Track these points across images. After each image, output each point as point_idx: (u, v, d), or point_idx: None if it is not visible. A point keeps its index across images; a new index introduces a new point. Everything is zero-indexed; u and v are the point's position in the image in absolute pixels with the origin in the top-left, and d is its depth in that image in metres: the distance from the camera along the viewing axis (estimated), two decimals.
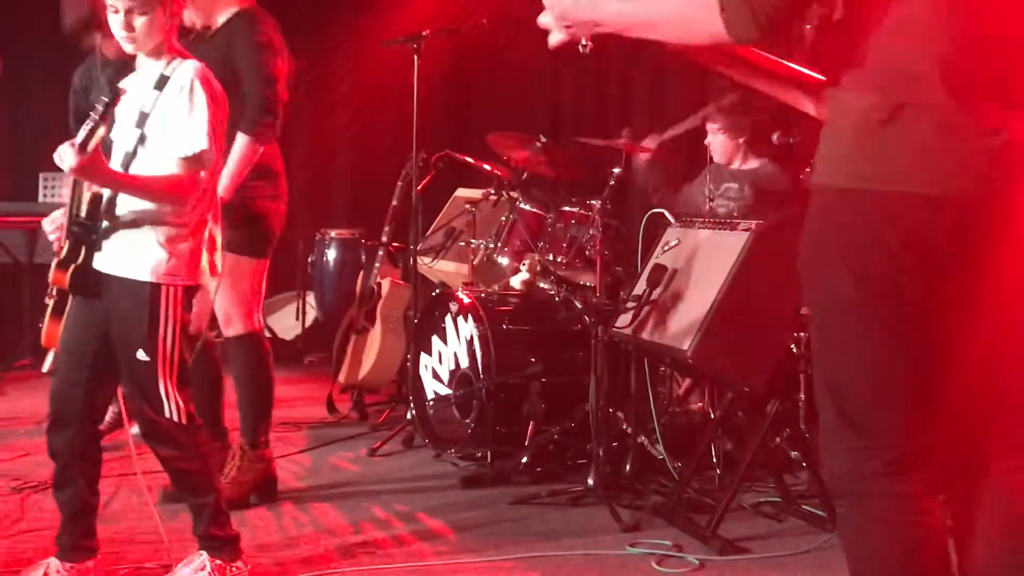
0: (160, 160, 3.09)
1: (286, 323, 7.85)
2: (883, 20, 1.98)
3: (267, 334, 7.51)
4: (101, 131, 2.96)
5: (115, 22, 3.12)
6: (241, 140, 4.03)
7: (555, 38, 2.18)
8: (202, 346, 3.94)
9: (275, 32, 4.23)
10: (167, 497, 3.89)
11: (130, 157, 3.11)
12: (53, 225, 3.22)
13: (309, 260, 7.34)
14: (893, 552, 2.02)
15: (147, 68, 3.20)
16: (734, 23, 1.93)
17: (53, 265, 3.12)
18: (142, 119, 3.10)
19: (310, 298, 7.67)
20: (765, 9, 1.91)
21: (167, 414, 3.11)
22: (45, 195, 7.21)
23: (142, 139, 3.11)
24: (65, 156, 2.89)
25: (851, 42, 2.03)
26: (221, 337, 4.32)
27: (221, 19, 4.23)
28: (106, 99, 2.97)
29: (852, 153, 2.01)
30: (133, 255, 3.08)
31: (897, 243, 1.95)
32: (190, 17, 4.21)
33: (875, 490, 2.02)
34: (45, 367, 3.16)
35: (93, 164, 2.93)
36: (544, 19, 2.17)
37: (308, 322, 7.72)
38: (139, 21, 3.10)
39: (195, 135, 3.08)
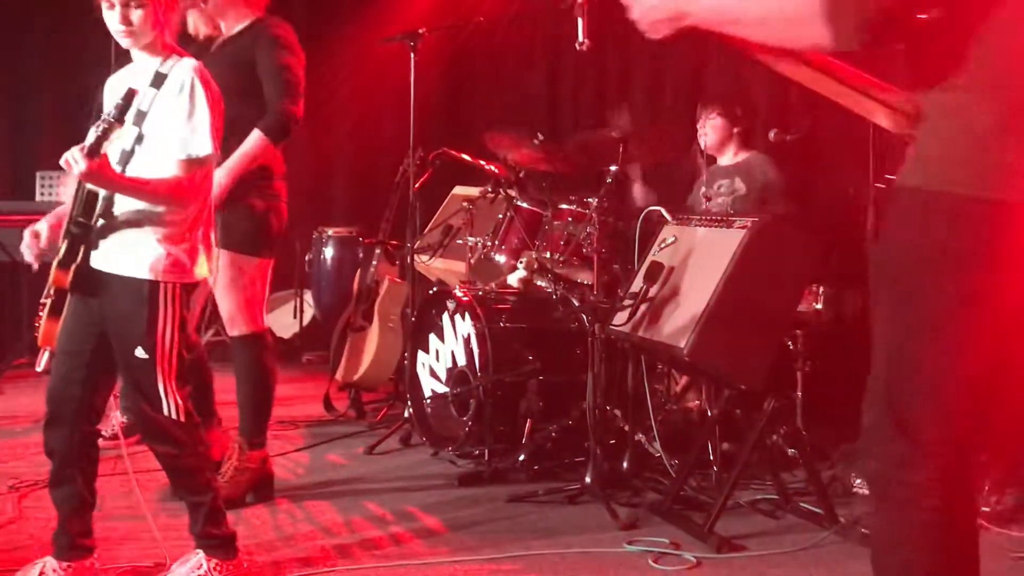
0: (159, 159, 3.08)
1: (284, 321, 7.84)
2: (987, 19, 1.92)
3: None
4: (116, 133, 2.97)
5: (111, 17, 3.11)
6: (256, 136, 4.06)
7: (646, 29, 2.16)
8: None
9: (296, 42, 4.27)
10: (170, 494, 3.89)
11: (127, 155, 3.10)
12: (35, 246, 3.20)
13: (307, 258, 7.34)
14: (929, 565, 1.98)
15: (143, 64, 3.19)
16: (841, 31, 1.88)
17: (54, 265, 3.10)
18: (140, 117, 3.09)
19: (307, 296, 7.67)
20: (874, 17, 1.86)
21: (166, 412, 3.11)
22: (43, 193, 7.21)
23: (139, 138, 3.10)
24: (76, 160, 2.89)
25: (951, 42, 1.95)
26: (220, 336, 4.32)
27: (237, 27, 4.25)
28: (121, 101, 2.96)
29: (970, 158, 1.93)
30: (132, 253, 3.08)
31: (1010, 253, 1.90)
32: (194, 24, 4.23)
33: (915, 500, 1.97)
34: (39, 366, 3.15)
35: (102, 169, 2.93)
36: (632, 12, 2.16)
37: (306, 320, 7.73)
38: (136, 14, 3.08)
39: (198, 138, 3.08)
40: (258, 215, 4.19)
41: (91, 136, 2.94)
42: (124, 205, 3.09)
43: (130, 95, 2.99)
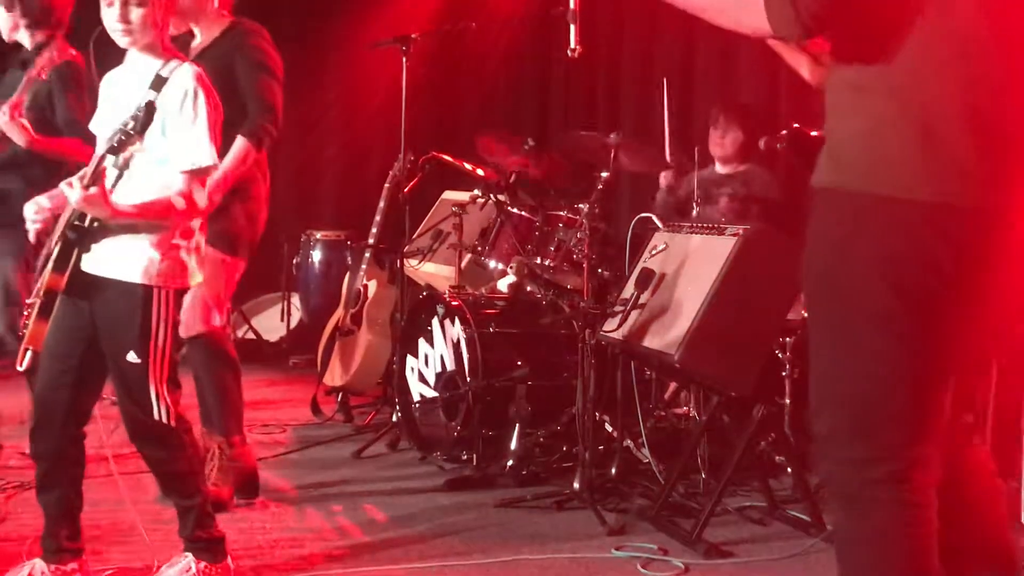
0: (157, 165, 3.07)
1: (271, 324, 7.83)
2: (914, 24, 1.97)
3: (251, 336, 7.56)
4: (137, 146, 2.95)
5: (109, 15, 3.08)
6: (240, 143, 4.05)
7: None
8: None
9: (273, 48, 4.26)
10: (162, 495, 3.87)
11: (124, 158, 3.08)
12: (37, 214, 3.19)
13: (294, 261, 7.33)
14: (895, 561, 2.01)
15: (140, 65, 3.16)
16: (778, 21, 1.97)
17: (49, 268, 3.07)
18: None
19: (295, 299, 7.66)
20: (809, 7, 1.94)
21: (156, 416, 3.10)
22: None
23: (139, 144, 3.08)
24: (71, 192, 2.90)
25: (876, 36, 2.01)
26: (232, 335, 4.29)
27: (213, 33, 4.25)
28: (142, 113, 2.94)
29: (889, 160, 1.98)
30: (126, 257, 3.06)
31: (946, 256, 1.94)
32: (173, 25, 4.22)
33: (879, 498, 2.01)
34: (21, 365, 3.12)
35: (97, 200, 2.92)
36: None
37: (293, 323, 7.71)
38: (136, 13, 3.06)
39: (199, 148, 3.07)
40: (237, 215, 4.18)
41: (104, 144, 2.93)
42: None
43: (151, 108, 2.97)
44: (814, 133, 4.85)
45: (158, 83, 3.09)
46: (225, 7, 4.31)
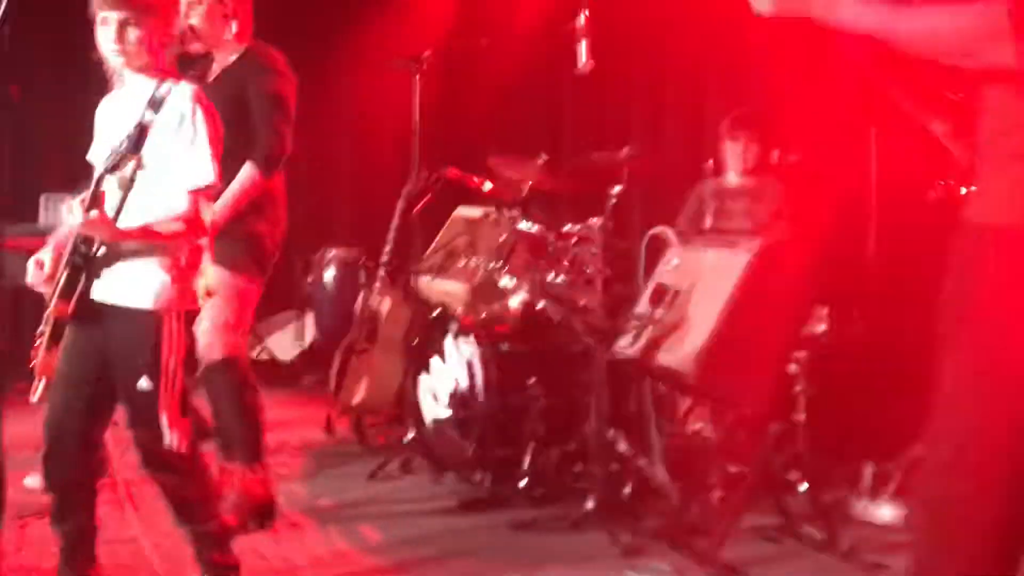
0: (158, 186, 3.07)
1: (284, 344, 7.82)
2: None
3: (265, 356, 7.54)
4: (130, 165, 2.96)
5: (104, 34, 3.06)
6: (248, 170, 4.06)
7: (762, 5, 2.13)
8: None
9: (287, 74, 4.28)
10: (176, 521, 3.86)
11: (127, 182, 3.07)
12: (39, 275, 3.20)
13: (308, 280, 7.32)
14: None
15: (136, 86, 3.15)
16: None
17: (55, 295, 3.08)
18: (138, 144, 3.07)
19: (308, 318, 7.65)
20: None
21: (167, 442, 3.09)
22: (47, 216, 7.19)
23: (139, 163, 3.08)
24: (70, 216, 2.90)
25: None
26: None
27: (230, 57, 4.27)
28: (135, 133, 2.95)
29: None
30: (135, 283, 3.06)
31: None
32: (192, 45, 4.24)
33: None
34: (34, 396, 3.13)
35: (99, 224, 2.93)
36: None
37: (306, 343, 7.70)
38: (133, 34, 3.05)
39: (201, 168, 3.07)
40: (253, 237, 4.19)
41: (101, 166, 2.94)
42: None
43: (143, 127, 2.98)
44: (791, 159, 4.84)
45: (154, 103, 3.08)
46: (243, 35, 4.32)
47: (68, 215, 2.94)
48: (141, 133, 2.99)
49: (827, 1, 2.05)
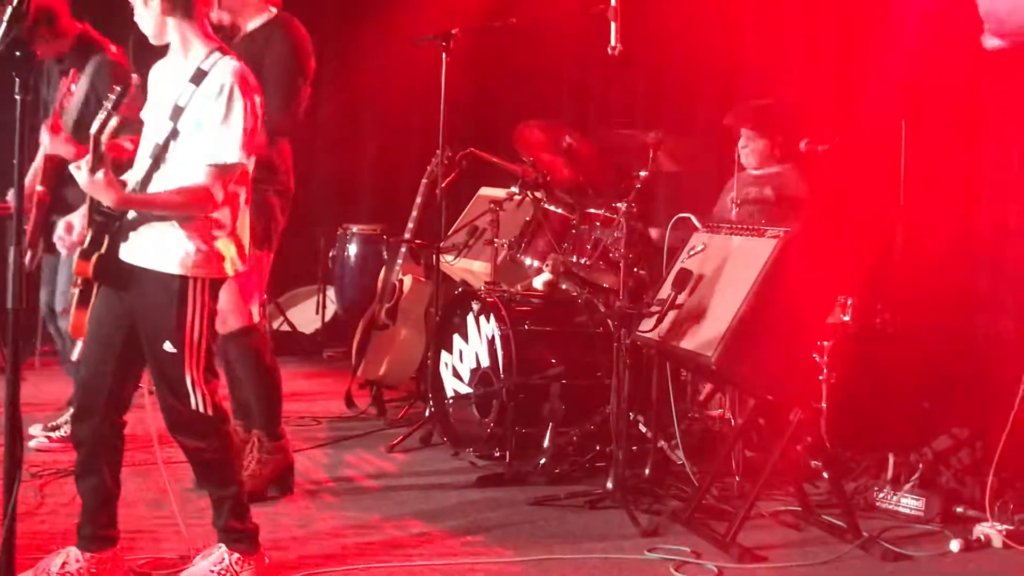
0: (189, 158, 3.08)
1: (306, 317, 7.86)
2: None
3: (287, 328, 7.58)
4: (113, 122, 2.97)
5: (134, 10, 3.14)
6: None
7: (992, 44, 2.15)
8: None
9: (307, 42, 4.26)
10: (198, 484, 3.88)
11: (160, 149, 3.10)
12: (67, 239, 3.23)
13: (330, 255, 7.34)
14: None
15: (182, 58, 3.17)
16: None
17: (77, 255, 3.11)
18: (176, 113, 3.08)
19: (330, 292, 7.68)
20: None
21: (193, 405, 3.11)
22: None
23: (174, 133, 3.09)
24: (79, 174, 2.92)
25: None
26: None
27: (252, 23, 4.26)
28: (120, 90, 2.97)
29: None
30: (162, 247, 3.07)
31: None
32: (218, 16, 4.23)
33: None
34: (75, 355, 3.17)
35: (105, 186, 2.94)
36: (986, 38, 2.14)
37: (328, 316, 7.73)
38: (143, 13, 3.11)
39: (228, 145, 3.06)
40: (268, 208, 4.19)
41: (94, 125, 2.96)
42: None
43: (127, 85, 3.00)
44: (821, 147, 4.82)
45: (198, 76, 3.10)
46: (273, 1, 4.31)
47: (77, 173, 2.94)
48: (121, 92, 3.00)
49: None
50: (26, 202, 4.70)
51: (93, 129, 2.98)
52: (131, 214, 3.08)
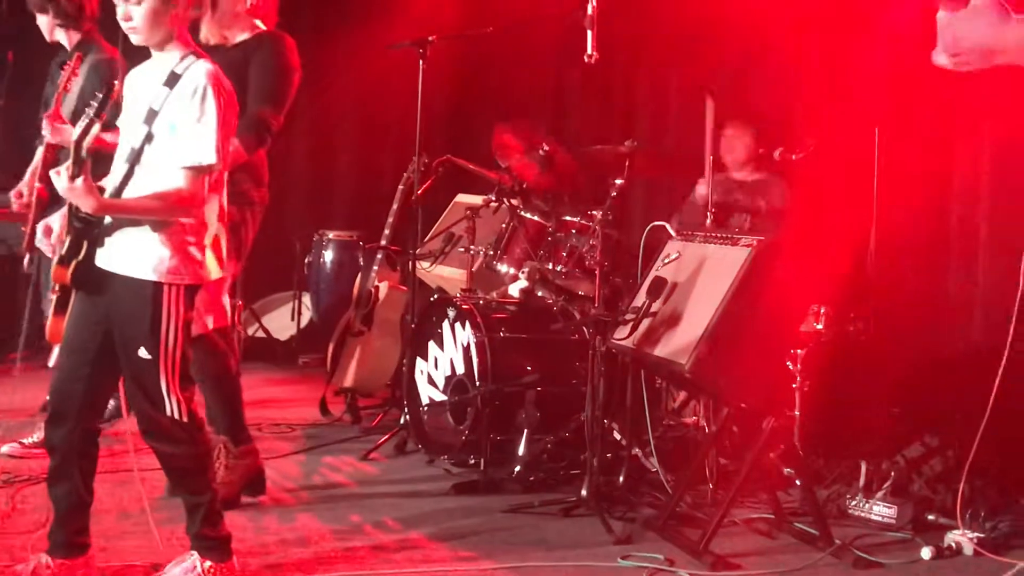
0: (164, 161, 3.07)
1: (281, 323, 7.84)
2: None
3: (262, 334, 7.56)
4: (96, 129, 2.96)
5: (119, 13, 3.11)
6: (231, 144, 4.05)
7: (940, 61, 2.17)
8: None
9: (294, 57, 4.28)
10: (172, 491, 3.87)
11: (136, 154, 3.09)
12: (47, 241, 3.22)
13: (306, 261, 7.33)
14: None
15: (157, 61, 3.17)
16: None
17: (55, 261, 3.11)
18: (151, 116, 3.08)
19: (306, 299, 7.67)
20: None
21: (168, 412, 3.10)
22: None
23: (149, 137, 3.08)
24: (58, 180, 2.92)
25: None
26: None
27: (239, 37, 4.26)
28: (102, 96, 2.97)
29: None
30: (136, 253, 3.07)
31: None
32: (206, 34, 4.24)
33: None
34: (51, 362, 3.16)
35: (84, 192, 2.93)
36: (937, 54, 2.16)
37: (303, 323, 7.72)
38: (136, 11, 3.07)
39: (203, 146, 3.06)
40: (241, 220, 4.18)
41: (75, 131, 2.95)
42: None
43: (110, 90, 3.00)
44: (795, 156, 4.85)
45: (172, 79, 3.09)
46: (256, 11, 4.31)
47: (56, 179, 2.93)
48: (104, 96, 3.00)
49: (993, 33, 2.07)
50: (25, 200, 4.74)
51: (74, 135, 2.97)
52: (108, 220, 3.07)
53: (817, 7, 5.55)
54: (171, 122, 3.07)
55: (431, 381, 5.09)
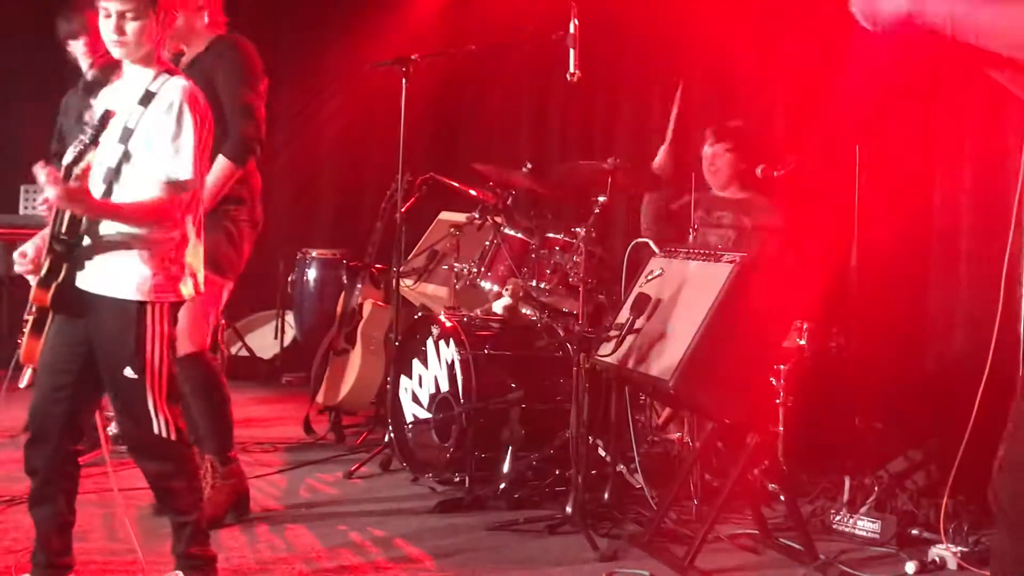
0: (143, 179, 3.07)
1: (264, 342, 7.82)
2: None
3: (245, 353, 7.54)
4: (91, 155, 2.96)
5: (106, 26, 3.09)
6: (221, 162, 4.07)
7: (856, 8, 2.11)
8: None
9: (256, 60, 4.27)
10: (158, 510, 3.85)
11: (113, 173, 3.08)
12: (23, 263, 3.21)
13: (289, 279, 7.32)
14: None
15: (133, 79, 3.17)
16: None
17: (34, 283, 3.09)
18: (126, 135, 3.07)
19: (289, 317, 7.65)
20: None
21: (156, 430, 3.10)
22: (26, 207, 7.16)
23: (126, 155, 3.08)
24: (48, 187, 2.89)
25: None
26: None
27: (201, 46, 4.26)
28: (96, 123, 2.96)
29: None
30: (117, 273, 3.06)
31: None
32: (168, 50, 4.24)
33: None
34: (22, 383, 3.14)
35: (76, 195, 2.93)
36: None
37: (287, 341, 7.70)
38: (131, 26, 3.07)
39: (180, 162, 3.07)
40: (230, 237, 4.18)
41: (69, 154, 2.95)
42: (109, 225, 3.07)
43: (106, 117, 2.99)
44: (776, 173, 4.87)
45: (147, 98, 3.10)
46: (214, 25, 4.31)
47: (48, 189, 2.92)
48: (100, 123, 3.00)
49: None
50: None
51: (67, 159, 2.97)
52: (87, 242, 3.06)
53: (797, 26, 5.59)
54: (147, 139, 3.07)
55: (415, 399, 5.09)
